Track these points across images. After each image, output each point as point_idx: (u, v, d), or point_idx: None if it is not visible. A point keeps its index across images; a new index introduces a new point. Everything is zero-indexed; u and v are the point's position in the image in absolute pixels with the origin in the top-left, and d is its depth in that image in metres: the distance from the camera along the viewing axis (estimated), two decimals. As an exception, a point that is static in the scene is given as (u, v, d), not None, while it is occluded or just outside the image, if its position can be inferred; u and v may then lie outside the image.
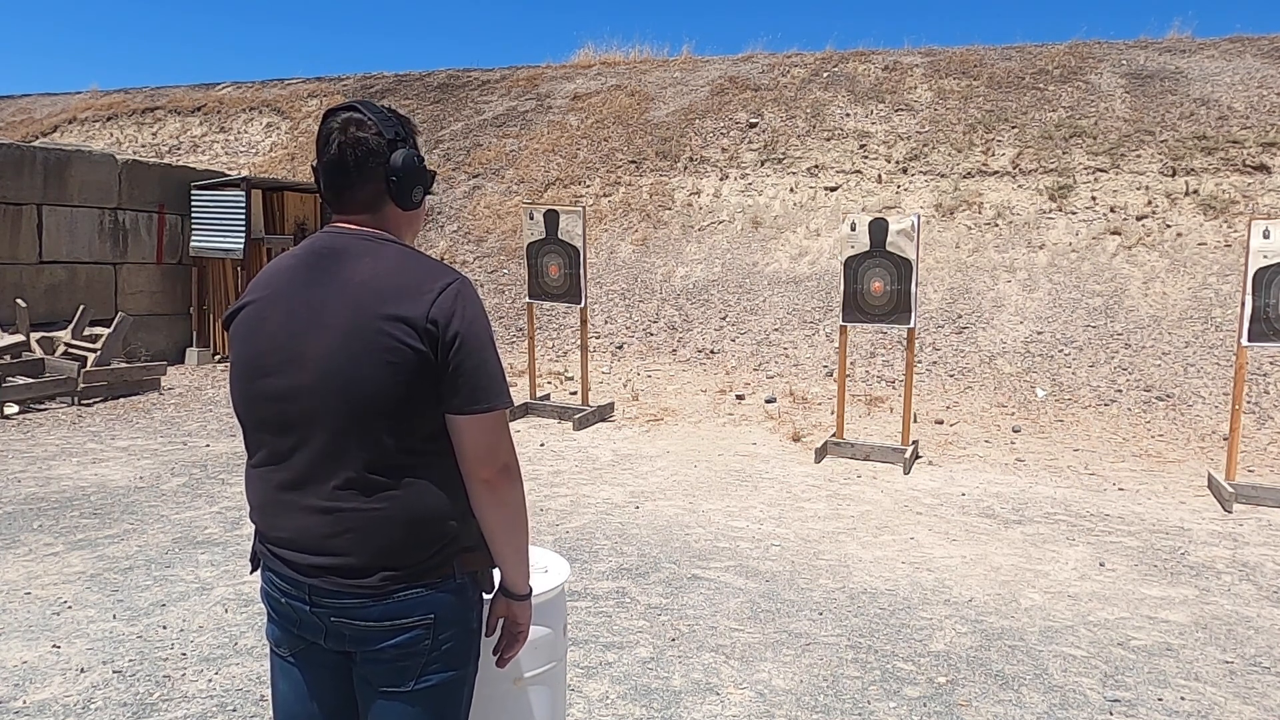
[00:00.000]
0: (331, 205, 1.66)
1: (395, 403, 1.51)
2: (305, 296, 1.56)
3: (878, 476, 6.27)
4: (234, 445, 6.72)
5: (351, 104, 1.63)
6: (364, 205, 1.62)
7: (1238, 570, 4.61)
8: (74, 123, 16.41)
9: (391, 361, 1.49)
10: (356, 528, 1.52)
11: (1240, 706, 3.20)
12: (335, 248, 1.60)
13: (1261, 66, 10.77)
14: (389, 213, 1.64)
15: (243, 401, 1.62)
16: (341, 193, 1.62)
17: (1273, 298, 5.77)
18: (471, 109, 13.93)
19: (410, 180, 1.62)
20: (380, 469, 1.53)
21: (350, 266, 1.56)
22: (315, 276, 1.57)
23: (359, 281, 1.53)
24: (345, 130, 1.59)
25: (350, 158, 1.59)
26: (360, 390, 1.50)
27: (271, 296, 1.60)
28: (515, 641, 1.72)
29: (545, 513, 5.30)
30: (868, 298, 6.66)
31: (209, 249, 10.21)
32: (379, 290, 1.52)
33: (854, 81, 12.16)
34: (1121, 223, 9.28)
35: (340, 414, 1.51)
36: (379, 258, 1.57)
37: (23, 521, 4.86)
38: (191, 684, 3.16)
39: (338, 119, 1.61)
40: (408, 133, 1.65)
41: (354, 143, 1.58)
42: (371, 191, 1.61)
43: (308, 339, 1.54)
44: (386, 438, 1.52)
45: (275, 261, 1.68)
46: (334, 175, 1.61)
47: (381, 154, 1.60)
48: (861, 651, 3.55)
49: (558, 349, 9.46)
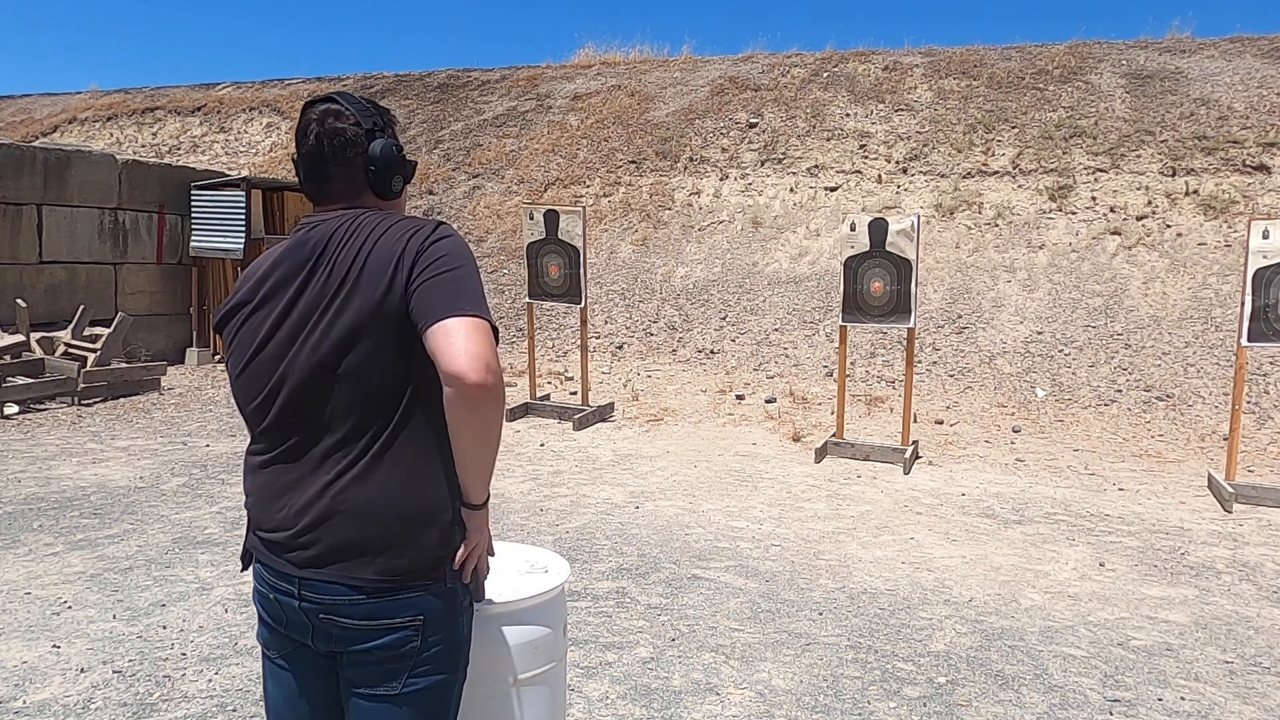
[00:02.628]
0: (311, 196, 1.66)
1: (395, 381, 1.51)
2: (296, 284, 1.57)
3: (878, 476, 6.27)
4: (234, 445, 6.72)
5: (329, 95, 1.64)
6: (343, 195, 1.63)
7: (1238, 570, 4.61)
8: (74, 123, 16.41)
9: (380, 342, 1.50)
10: (351, 511, 1.52)
11: (1240, 706, 3.20)
12: (323, 235, 1.59)
13: (1261, 66, 10.77)
14: (368, 202, 1.65)
15: (240, 391, 1.63)
16: (320, 183, 1.63)
17: (1273, 298, 5.77)
18: (471, 109, 13.93)
19: (389, 169, 1.63)
20: (378, 453, 1.53)
21: (334, 250, 1.55)
22: (307, 267, 1.57)
23: (350, 262, 1.53)
24: (323, 121, 1.60)
25: (328, 148, 1.60)
26: (357, 376, 1.51)
27: (262, 290, 1.60)
28: (472, 554, 1.61)
29: (545, 513, 5.30)
30: (868, 298, 6.66)
31: (209, 249, 10.21)
32: (372, 265, 1.51)
33: (854, 81, 12.15)
34: (1121, 223, 9.28)
35: (337, 400, 1.52)
36: (365, 234, 1.55)
37: (23, 521, 4.86)
38: (191, 684, 3.16)
39: (315, 110, 1.62)
40: (386, 123, 1.66)
41: (332, 133, 1.59)
42: (350, 181, 1.62)
43: (301, 328, 1.55)
44: (384, 422, 1.53)
45: (264, 255, 1.68)
46: (312, 166, 1.62)
47: (359, 144, 1.60)
48: (861, 651, 3.55)
49: (558, 349, 9.46)
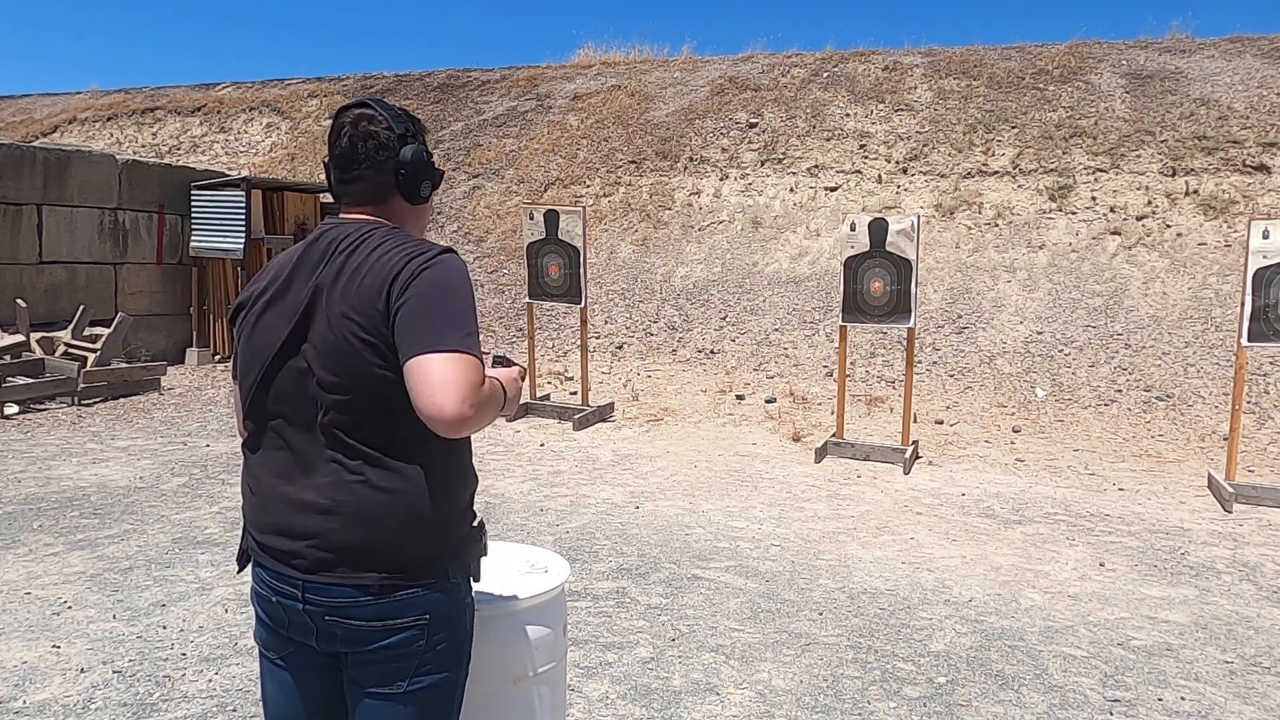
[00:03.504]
0: (340, 198, 1.69)
1: (391, 388, 1.51)
2: (305, 288, 1.58)
3: (878, 476, 6.27)
4: (234, 445, 6.72)
5: (363, 100, 1.67)
6: (372, 197, 1.66)
7: (1238, 570, 4.61)
8: (74, 123, 16.40)
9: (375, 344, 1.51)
10: (353, 514, 1.52)
11: (1240, 706, 3.20)
12: (334, 239, 1.61)
13: (1261, 66, 10.77)
14: (396, 206, 1.67)
15: (245, 392, 1.64)
16: (351, 185, 1.66)
17: (1273, 298, 5.77)
18: (471, 109, 13.93)
19: (419, 174, 1.66)
20: (377, 458, 1.53)
21: (348, 256, 1.57)
22: (315, 269, 1.59)
23: (353, 270, 1.55)
24: (356, 125, 1.63)
25: (361, 150, 1.62)
26: (355, 381, 1.52)
27: (274, 290, 1.62)
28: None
29: (545, 513, 5.30)
30: (868, 298, 6.66)
31: (209, 249, 10.21)
32: (369, 280, 1.53)
33: (854, 81, 12.15)
34: (1121, 223, 9.28)
35: (337, 404, 1.53)
36: (373, 246, 1.58)
37: (23, 521, 4.86)
38: (191, 684, 3.16)
39: (349, 114, 1.65)
40: (418, 130, 1.70)
41: (365, 136, 1.62)
42: (380, 184, 1.65)
43: (306, 331, 1.56)
44: (383, 426, 1.53)
45: (280, 255, 1.71)
46: (344, 167, 1.65)
47: (392, 148, 1.63)
48: (861, 651, 3.55)
49: (558, 349, 9.46)
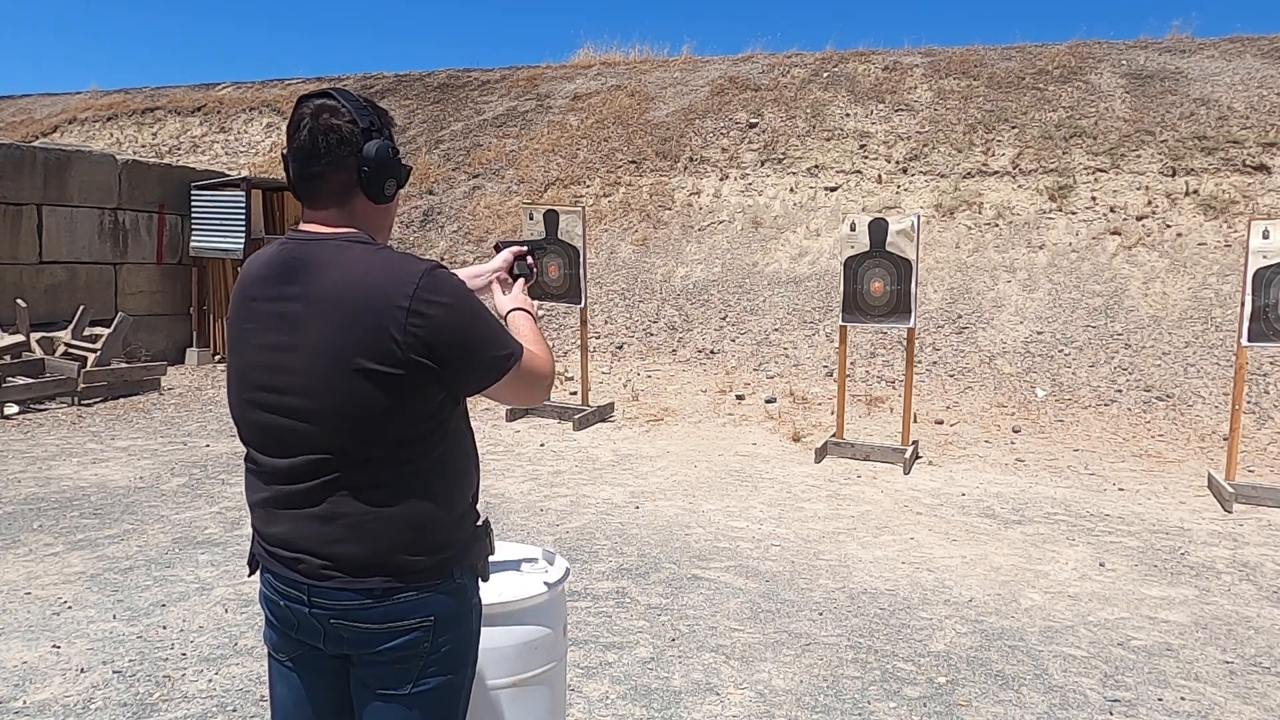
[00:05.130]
0: (300, 196, 1.58)
1: (383, 412, 1.49)
2: (280, 311, 1.53)
3: (878, 476, 6.27)
4: (234, 445, 6.71)
5: (325, 91, 1.57)
6: (333, 196, 1.56)
7: (1238, 570, 4.61)
8: (74, 123, 16.40)
9: (376, 371, 1.47)
10: (355, 530, 1.51)
11: (1240, 706, 3.20)
12: (300, 257, 1.54)
13: (1261, 66, 10.77)
14: (359, 205, 1.58)
15: (236, 410, 1.62)
16: (310, 181, 1.55)
17: (1273, 298, 5.77)
18: (471, 109, 13.92)
19: (383, 172, 1.56)
20: (375, 475, 1.52)
21: (318, 278, 1.50)
22: (286, 291, 1.53)
23: (330, 296, 1.49)
24: (317, 116, 1.53)
25: (321, 144, 1.52)
26: (346, 409, 1.49)
27: (250, 309, 1.57)
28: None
29: (545, 513, 5.30)
30: (868, 298, 6.66)
31: (209, 249, 10.21)
32: (351, 305, 1.48)
33: (854, 81, 12.15)
34: (1121, 223, 9.28)
35: (329, 430, 1.50)
36: (346, 265, 1.51)
37: (23, 521, 4.86)
38: (191, 684, 3.16)
39: (310, 105, 1.55)
40: (383, 124, 1.59)
41: (326, 129, 1.52)
42: (342, 181, 1.55)
43: (288, 357, 1.51)
44: (378, 446, 1.51)
45: (246, 269, 1.63)
46: (303, 162, 1.54)
47: (354, 142, 1.53)
48: (861, 651, 3.55)
49: (558, 349, 9.45)
